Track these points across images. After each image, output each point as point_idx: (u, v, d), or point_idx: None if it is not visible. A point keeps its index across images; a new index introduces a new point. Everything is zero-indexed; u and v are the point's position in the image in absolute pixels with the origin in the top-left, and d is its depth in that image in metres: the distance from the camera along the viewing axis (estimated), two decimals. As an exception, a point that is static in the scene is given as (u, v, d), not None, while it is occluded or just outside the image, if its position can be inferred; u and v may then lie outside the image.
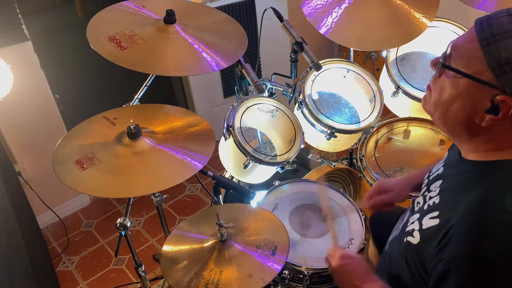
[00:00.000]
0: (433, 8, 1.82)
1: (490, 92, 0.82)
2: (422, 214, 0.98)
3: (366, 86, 1.94)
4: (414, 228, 0.98)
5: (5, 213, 1.63)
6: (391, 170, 1.84)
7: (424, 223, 0.95)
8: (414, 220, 1.00)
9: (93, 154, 1.26)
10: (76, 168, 1.22)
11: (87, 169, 1.22)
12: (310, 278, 1.41)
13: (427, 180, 1.09)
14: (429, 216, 0.94)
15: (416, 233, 0.96)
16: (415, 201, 1.10)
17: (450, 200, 0.92)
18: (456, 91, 0.87)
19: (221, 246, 1.29)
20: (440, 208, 0.93)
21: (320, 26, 1.80)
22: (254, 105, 1.73)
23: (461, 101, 0.86)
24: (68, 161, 1.25)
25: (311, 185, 1.70)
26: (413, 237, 0.96)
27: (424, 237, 0.93)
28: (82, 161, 1.23)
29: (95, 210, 2.74)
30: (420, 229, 0.95)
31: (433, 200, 0.97)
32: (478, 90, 0.83)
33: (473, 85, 0.83)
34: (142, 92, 1.62)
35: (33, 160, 2.41)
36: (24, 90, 2.22)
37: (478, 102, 0.84)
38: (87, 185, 1.20)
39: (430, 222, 0.93)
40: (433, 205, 0.96)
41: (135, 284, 2.23)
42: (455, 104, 0.88)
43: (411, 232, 0.98)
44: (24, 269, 1.68)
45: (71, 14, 2.91)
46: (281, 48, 2.83)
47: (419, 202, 1.07)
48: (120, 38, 1.37)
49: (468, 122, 0.87)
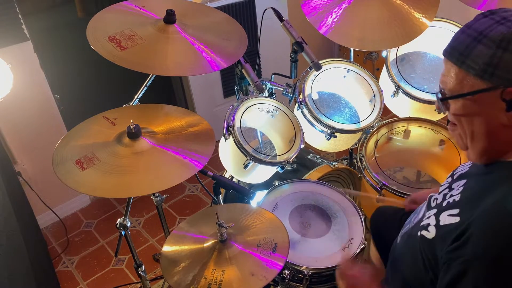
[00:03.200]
0: (433, 8, 1.83)
1: (495, 94, 0.84)
2: (440, 210, 0.97)
3: (366, 86, 1.94)
4: (430, 223, 0.98)
5: (5, 213, 1.63)
6: (391, 170, 1.84)
7: (441, 219, 0.95)
8: (430, 215, 1.00)
9: (93, 154, 1.26)
10: (76, 168, 1.22)
11: (87, 169, 1.22)
12: (310, 278, 1.41)
13: (451, 179, 1.08)
14: (447, 213, 0.94)
15: (432, 228, 0.96)
16: (432, 197, 1.10)
17: (473, 199, 0.92)
18: (470, 109, 0.90)
19: (221, 246, 1.29)
20: (461, 206, 0.92)
21: (320, 26, 1.80)
22: (254, 105, 1.73)
23: (479, 117, 0.89)
24: (68, 161, 1.25)
25: (311, 185, 1.70)
26: (428, 232, 0.96)
27: (440, 234, 0.93)
28: (82, 161, 1.23)
29: (95, 210, 2.74)
30: (437, 224, 0.95)
31: (454, 198, 0.97)
32: (486, 99, 0.86)
33: (479, 99, 0.87)
34: (142, 92, 1.62)
35: (33, 160, 2.41)
36: (24, 90, 2.22)
37: (493, 108, 0.86)
38: (87, 185, 1.20)
39: (448, 219, 0.92)
40: (453, 202, 0.96)
41: (135, 284, 2.23)
42: (475, 122, 0.90)
43: (426, 227, 0.98)
44: (24, 269, 1.68)
45: (71, 14, 2.91)
46: (281, 48, 2.83)
47: (436, 199, 1.06)
48: (120, 38, 1.37)
49: (496, 129, 0.89)
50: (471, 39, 0.86)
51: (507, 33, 0.82)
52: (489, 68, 0.83)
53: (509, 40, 0.81)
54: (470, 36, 0.86)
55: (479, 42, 0.84)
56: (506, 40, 0.81)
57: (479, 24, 0.87)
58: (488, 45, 0.83)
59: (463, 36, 0.88)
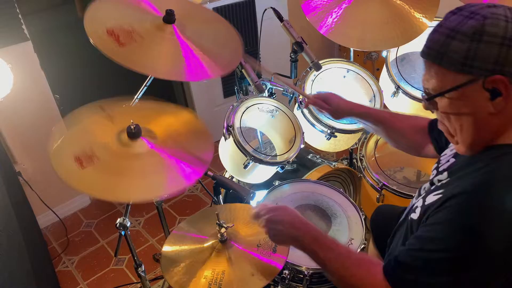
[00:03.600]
0: (433, 8, 1.82)
1: (477, 85, 0.87)
2: (427, 193, 1.01)
3: (366, 86, 1.94)
4: (418, 205, 1.02)
5: (5, 213, 1.63)
6: (391, 170, 1.84)
7: (427, 200, 0.98)
8: (419, 199, 1.04)
9: (92, 151, 1.24)
10: (75, 165, 1.20)
11: (87, 168, 1.20)
12: (310, 278, 1.41)
13: (436, 171, 1.12)
14: (433, 193, 0.97)
15: (418, 209, 1.00)
16: (421, 187, 1.14)
17: (456, 179, 0.96)
18: (456, 105, 0.92)
19: (221, 246, 1.29)
20: (445, 186, 0.97)
21: (320, 26, 1.80)
22: (254, 105, 1.73)
23: (466, 110, 0.91)
24: (67, 157, 1.22)
25: (311, 185, 1.70)
26: (415, 213, 1.01)
27: (423, 211, 0.97)
28: (81, 158, 1.21)
29: (95, 210, 2.74)
30: (422, 205, 0.99)
31: (442, 182, 1.01)
32: (470, 91, 0.88)
33: (463, 93, 0.89)
34: (142, 92, 1.62)
35: (33, 160, 2.41)
36: (24, 90, 2.22)
37: (478, 99, 0.88)
38: (86, 184, 1.18)
39: (433, 198, 0.96)
40: (440, 185, 1.01)
41: (135, 284, 2.23)
42: (463, 115, 0.93)
43: (414, 209, 1.03)
44: (24, 269, 1.68)
45: (71, 14, 2.91)
46: (281, 48, 2.83)
47: (425, 187, 1.11)
48: (119, 32, 1.34)
49: (484, 120, 0.91)
50: (445, 36, 0.89)
51: (478, 25, 0.85)
52: (467, 61, 0.86)
53: (481, 32, 0.85)
54: (443, 34, 0.90)
55: (453, 38, 0.87)
56: (478, 32, 0.85)
57: (450, 21, 0.90)
58: (462, 39, 0.86)
59: (437, 35, 0.91)
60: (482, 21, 0.85)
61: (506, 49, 0.83)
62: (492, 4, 0.89)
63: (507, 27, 0.84)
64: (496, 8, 0.87)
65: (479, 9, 0.88)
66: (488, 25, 0.84)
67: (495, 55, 0.84)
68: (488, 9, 0.87)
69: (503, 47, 0.83)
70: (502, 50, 0.83)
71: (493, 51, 0.84)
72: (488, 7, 0.88)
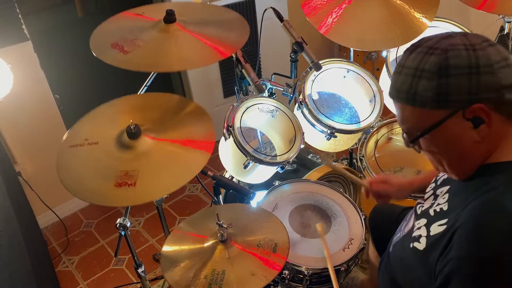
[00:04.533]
0: (433, 8, 1.82)
1: (457, 117, 0.86)
2: (430, 221, 0.99)
3: (366, 86, 1.94)
4: (422, 234, 0.99)
5: (5, 213, 1.63)
6: (391, 170, 1.84)
7: (432, 230, 0.96)
8: (420, 226, 1.02)
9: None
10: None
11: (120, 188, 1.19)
12: (310, 278, 1.41)
13: (434, 184, 1.10)
14: (438, 223, 0.95)
15: (423, 239, 0.97)
16: (418, 205, 1.11)
17: (457, 205, 0.93)
18: (439, 141, 0.91)
19: (221, 246, 1.29)
20: (448, 215, 0.94)
21: (320, 26, 1.80)
22: (254, 105, 1.73)
23: (451, 142, 0.90)
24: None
25: (311, 185, 1.70)
26: (420, 243, 0.98)
27: (430, 243, 0.95)
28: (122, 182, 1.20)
29: (95, 210, 2.74)
30: (428, 235, 0.97)
31: (441, 207, 0.98)
32: (451, 124, 0.87)
33: (445, 127, 0.87)
34: (142, 92, 1.62)
35: (33, 160, 2.41)
36: (24, 90, 2.22)
37: (462, 130, 0.87)
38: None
39: (438, 228, 0.94)
40: (441, 211, 0.97)
41: (135, 284, 2.23)
42: (449, 149, 0.92)
43: (417, 238, 0.99)
44: (24, 269, 1.68)
45: (71, 14, 2.91)
46: (281, 48, 2.83)
47: (422, 206, 1.08)
48: (123, 43, 1.37)
49: (470, 148, 0.90)
50: (411, 77, 0.87)
51: (441, 60, 0.84)
52: (441, 98, 0.85)
53: (446, 66, 0.83)
54: (408, 75, 0.88)
55: (420, 78, 0.86)
56: (444, 67, 0.83)
57: (410, 61, 0.88)
58: (430, 77, 0.85)
59: (402, 76, 0.89)
60: (444, 55, 0.84)
61: (476, 77, 0.82)
62: (446, 34, 0.88)
63: (470, 55, 0.83)
64: (452, 39, 0.86)
65: (436, 43, 0.87)
66: (451, 58, 0.83)
67: (466, 86, 0.83)
68: (446, 41, 0.86)
69: (472, 76, 0.82)
70: (472, 80, 0.82)
71: (464, 83, 0.83)
72: (444, 38, 0.87)
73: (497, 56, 0.84)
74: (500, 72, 0.83)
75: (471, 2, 1.86)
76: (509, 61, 0.84)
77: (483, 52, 0.83)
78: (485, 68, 0.82)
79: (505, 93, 0.83)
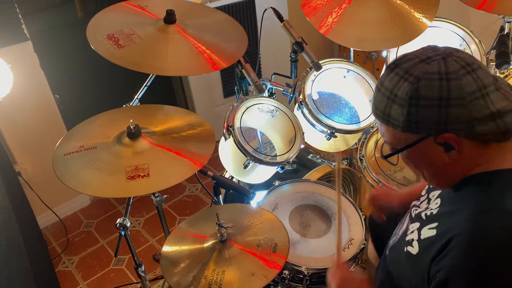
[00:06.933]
0: (433, 8, 1.82)
1: (429, 141, 0.87)
2: (422, 224, 1.00)
3: (366, 86, 1.94)
4: (414, 238, 1.00)
5: (5, 213, 1.63)
6: (391, 170, 1.84)
7: (422, 233, 0.97)
8: (414, 229, 1.03)
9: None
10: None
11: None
12: (310, 278, 1.41)
13: (428, 187, 1.11)
14: (428, 226, 0.97)
15: (415, 243, 0.99)
16: (413, 207, 1.12)
17: (448, 210, 0.95)
18: (414, 157, 0.94)
19: (221, 246, 1.29)
20: (438, 219, 0.95)
21: (320, 26, 1.80)
22: (254, 105, 1.73)
23: (424, 160, 0.93)
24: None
25: (311, 185, 1.70)
26: (413, 247, 0.99)
27: (422, 247, 0.96)
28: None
29: (95, 210, 2.74)
30: (419, 239, 0.98)
31: (432, 211, 1.00)
32: (423, 146, 0.89)
33: (417, 148, 0.90)
34: (142, 92, 1.62)
35: (33, 160, 2.41)
36: (24, 90, 2.22)
37: (434, 152, 0.89)
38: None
39: (428, 232, 0.95)
40: (431, 215, 0.99)
41: (135, 284, 2.23)
42: (425, 166, 0.95)
43: (410, 242, 1.01)
44: (24, 269, 1.67)
45: (71, 14, 2.90)
46: (281, 48, 2.83)
47: (417, 208, 1.09)
48: (119, 36, 1.37)
49: (443, 168, 0.92)
50: (386, 98, 0.89)
51: (412, 90, 0.84)
52: (411, 124, 0.86)
53: (416, 96, 0.84)
54: (385, 96, 0.89)
55: (393, 102, 0.87)
56: (414, 97, 0.84)
57: (388, 81, 0.89)
58: (401, 104, 0.86)
59: (380, 95, 0.91)
60: (416, 84, 0.84)
61: (445, 110, 0.82)
62: (426, 56, 0.87)
63: (442, 87, 0.82)
64: (429, 65, 0.85)
65: (413, 66, 0.86)
66: (422, 88, 0.83)
67: (435, 117, 0.83)
68: (422, 67, 0.85)
69: (441, 108, 0.82)
70: (441, 111, 0.83)
71: (433, 114, 0.83)
72: (422, 61, 0.86)
73: (472, 87, 0.82)
74: (472, 105, 0.82)
75: (471, 2, 1.86)
76: (488, 89, 0.83)
77: (456, 83, 0.82)
78: (455, 101, 0.82)
79: (475, 125, 0.83)
